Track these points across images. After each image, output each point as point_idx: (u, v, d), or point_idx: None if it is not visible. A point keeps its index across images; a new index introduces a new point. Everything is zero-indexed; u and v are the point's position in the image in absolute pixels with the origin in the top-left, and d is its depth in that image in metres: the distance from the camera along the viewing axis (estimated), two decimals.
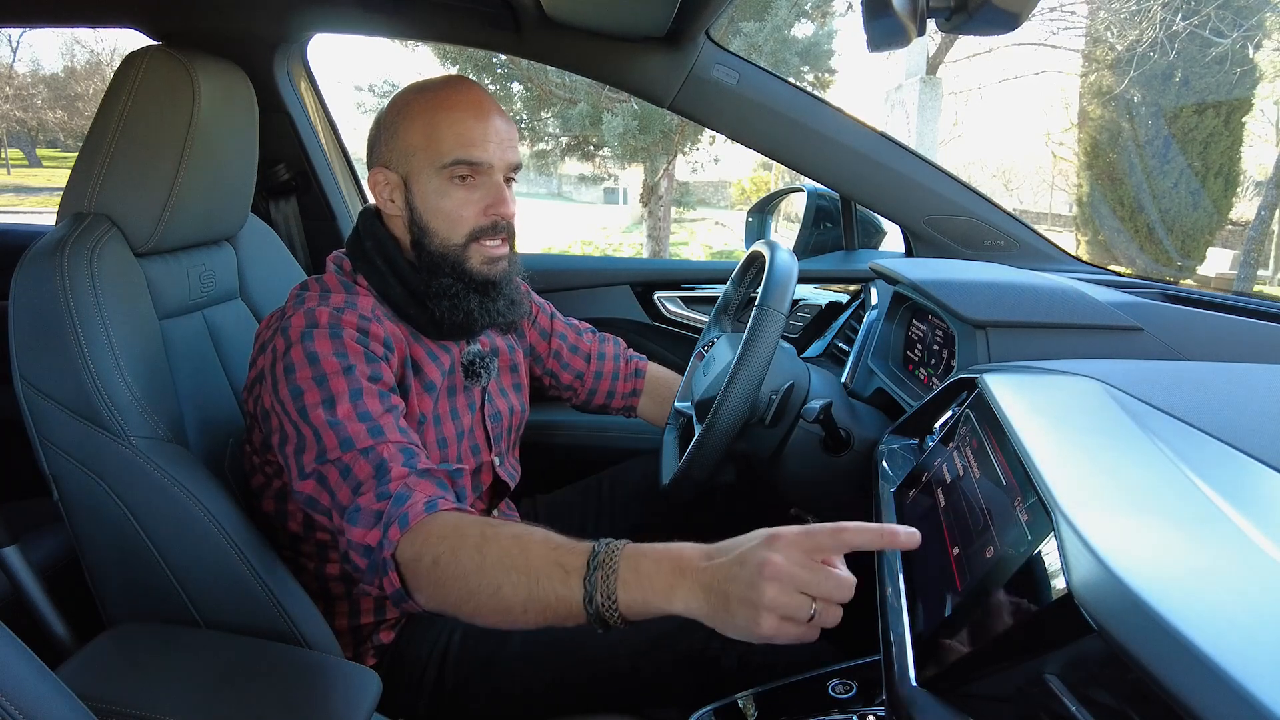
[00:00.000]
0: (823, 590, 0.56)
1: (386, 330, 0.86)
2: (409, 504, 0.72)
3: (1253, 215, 6.39)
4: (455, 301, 0.90)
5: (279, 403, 0.80)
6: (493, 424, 1.02)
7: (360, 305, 0.86)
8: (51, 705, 0.39)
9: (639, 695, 0.89)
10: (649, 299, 1.64)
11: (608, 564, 0.63)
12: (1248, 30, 6.21)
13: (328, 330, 0.81)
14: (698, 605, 0.60)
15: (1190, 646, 0.32)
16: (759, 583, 0.56)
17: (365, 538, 0.72)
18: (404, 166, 0.88)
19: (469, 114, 0.86)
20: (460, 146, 0.85)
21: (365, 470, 0.75)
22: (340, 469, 0.76)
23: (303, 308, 0.83)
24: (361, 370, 0.81)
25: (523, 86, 6.82)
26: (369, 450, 0.76)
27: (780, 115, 1.29)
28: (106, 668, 0.77)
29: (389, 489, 0.74)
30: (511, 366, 1.09)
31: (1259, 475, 0.50)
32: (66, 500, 0.84)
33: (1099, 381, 0.69)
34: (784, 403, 0.96)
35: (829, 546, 0.57)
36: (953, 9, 0.56)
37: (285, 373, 0.80)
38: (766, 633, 0.57)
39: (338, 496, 0.76)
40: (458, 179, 0.87)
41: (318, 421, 0.77)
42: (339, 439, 0.76)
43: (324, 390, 0.78)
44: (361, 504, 0.73)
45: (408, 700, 0.90)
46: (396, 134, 0.88)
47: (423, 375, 0.91)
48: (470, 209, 0.88)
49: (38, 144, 18.30)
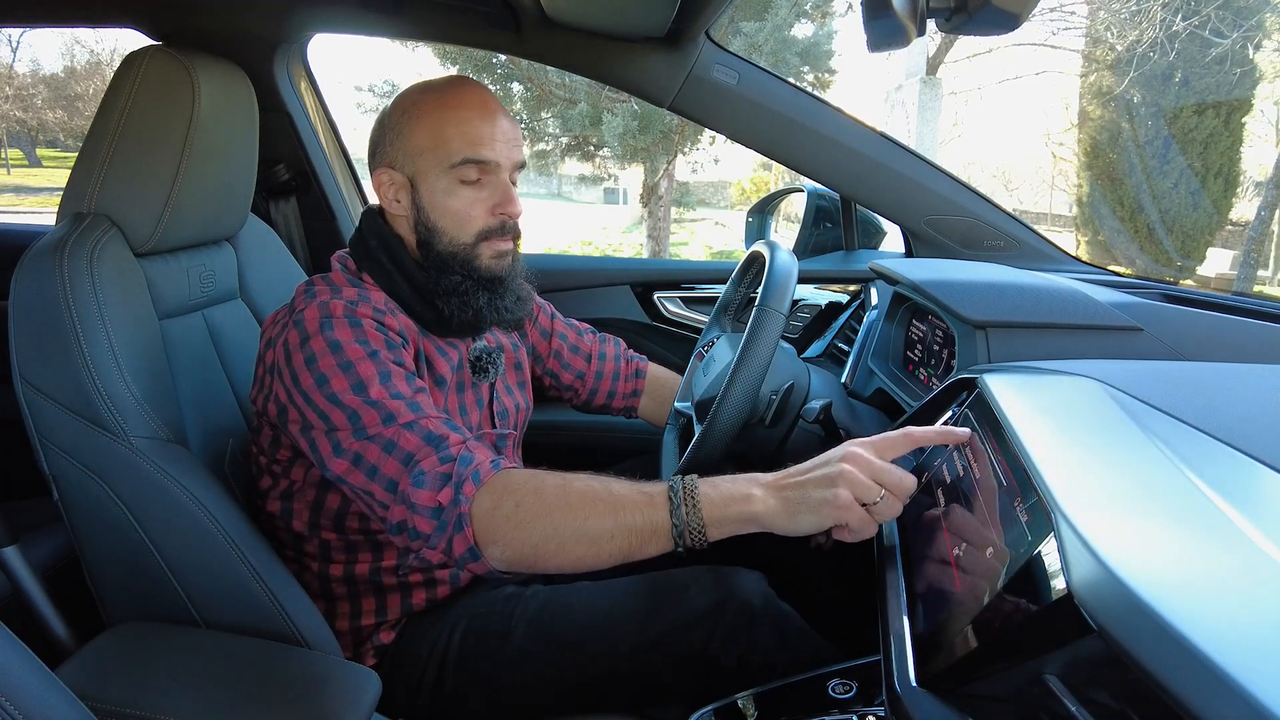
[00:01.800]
0: (890, 480, 0.67)
1: (400, 323, 0.87)
2: (476, 463, 0.75)
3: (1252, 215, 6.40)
4: (465, 299, 0.90)
5: (300, 393, 0.79)
6: (500, 421, 1.02)
7: (374, 299, 0.87)
8: (51, 705, 0.39)
9: (639, 695, 0.89)
10: (649, 299, 1.64)
11: (689, 485, 0.72)
12: (1248, 30, 6.21)
13: (346, 320, 0.81)
14: (775, 503, 0.70)
15: (1190, 646, 0.32)
16: (841, 466, 0.68)
17: (435, 498, 0.73)
18: (410, 167, 0.88)
19: (476, 114, 0.86)
20: (468, 146, 0.86)
21: (413, 442, 0.76)
22: (383, 444, 0.76)
23: (315, 301, 0.83)
24: (386, 355, 0.81)
25: (523, 86, 6.82)
26: (413, 424, 0.77)
27: (780, 115, 1.29)
28: (106, 668, 0.77)
29: (450, 452, 0.76)
30: (516, 364, 1.09)
31: (1259, 475, 0.50)
32: (66, 500, 0.84)
33: (1099, 382, 0.69)
34: (784, 403, 0.96)
35: (900, 444, 0.70)
36: (953, 9, 0.56)
37: (306, 363, 0.79)
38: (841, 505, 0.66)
39: (382, 470, 0.76)
40: (466, 179, 0.87)
41: (353, 403, 0.77)
42: (380, 415, 0.77)
43: (351, 376, 0.78)
44: (425, 468, 0.74)
45: (408, 700, 0.90)
46: (402, 134, 0.88)
47: (434, 370, 0.92)
48: (479, 209, 0.88)
49: (38, 144, 18.31)
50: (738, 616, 0.85)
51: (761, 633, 0.85)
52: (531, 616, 0.90)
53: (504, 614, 0.91)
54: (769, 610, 0.87)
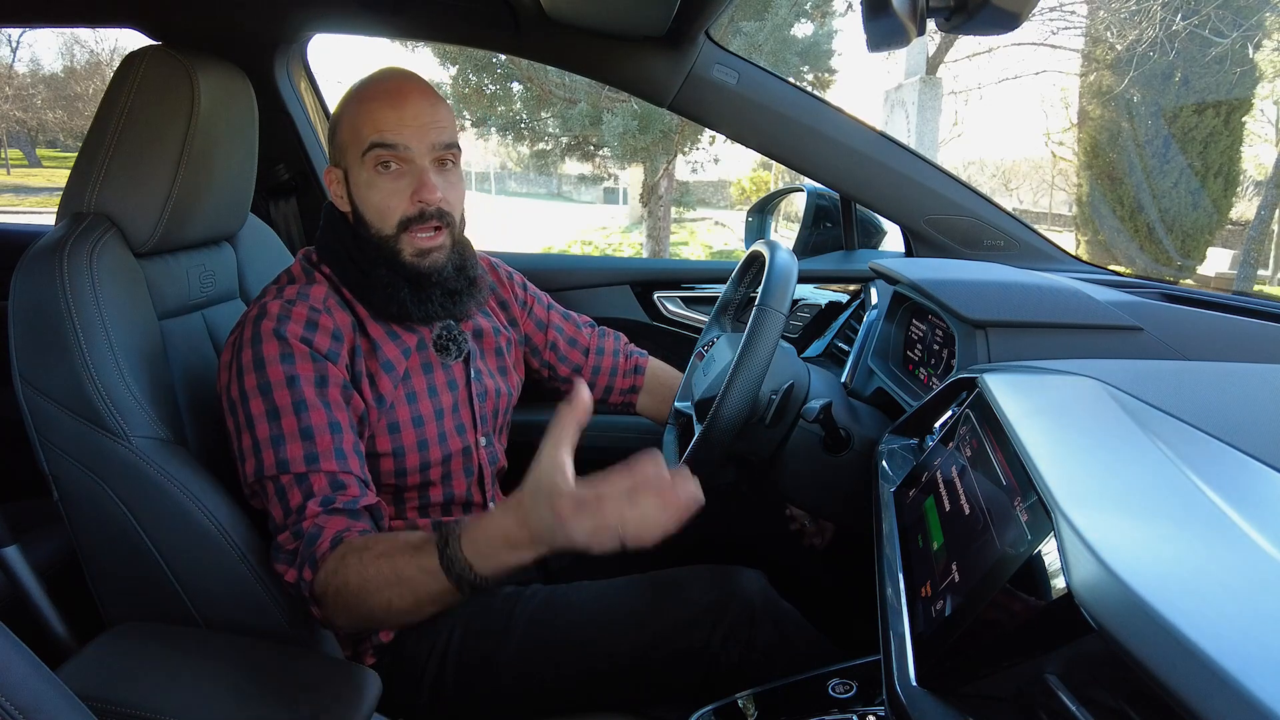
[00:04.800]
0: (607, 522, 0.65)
1: (336, 321, 0.88)
2: (318, 543, 0.79)
3: (1253, 215, 6.40)
4: (389, 293, 0.91)
5: (229, 402, 0.85)
6: (479, 403, 1.01)
7: (312, 296, 0.88)
8: (51, 705, 0.39)
9: (639, 694, 0.89)
10: (649, 299, 1.63)
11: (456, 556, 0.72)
12: (1248, 30, 6.21)
13: (273, 330, 0.84)
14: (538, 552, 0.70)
15: (1190, 646, 0.32)
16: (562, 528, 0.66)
17: (286, 574, 0.80)
18: (342, 161, 0.91)
19: (384, 99, 0.87)
20: (375, 131, 0.86)
21: (296, 499, 0.81)
22: (276, 489, 0.82)
23: (261, 300, 0.88)
24: (307, 378, 0.84)
25: (523, 86, 6.82)
26: (302, 478, 0.81)
27: (780, 115, 1.29)
28: (106, 668, 0.77)
29: (302, 527, 0.80)
30: (497, 349, 1.08)
31: (1259, 475, 0.50)
32: (66, 500, 0.84)
33: (1099, 381, 0.69)
34: (784, 403, 0.96)
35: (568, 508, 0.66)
36: (953, 9, 0.56)
37: (237, 375, 0.84)
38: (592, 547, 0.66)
39: (273, 515, 0.82)
40: (380, 166, 0.87)
41: (261, 435, 0.82)
42: (276, 459, 0.82)
43: (267, 401, 0.83)
44: (281, 542, 0.81)
45: (408, 700, 0.90)
46: (335, 131, 0.91)
47: (379, 354, 0.92)
48: (396, 198, 0.88)
49: (37, 144, 18.30)
50: (738, 615, 0.86)
51: (762, 631, 0.85)
52: (531, 615, 0.90)
53: (504, 613, 0.91)
54: (769, 609, 0.87)
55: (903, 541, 0.70)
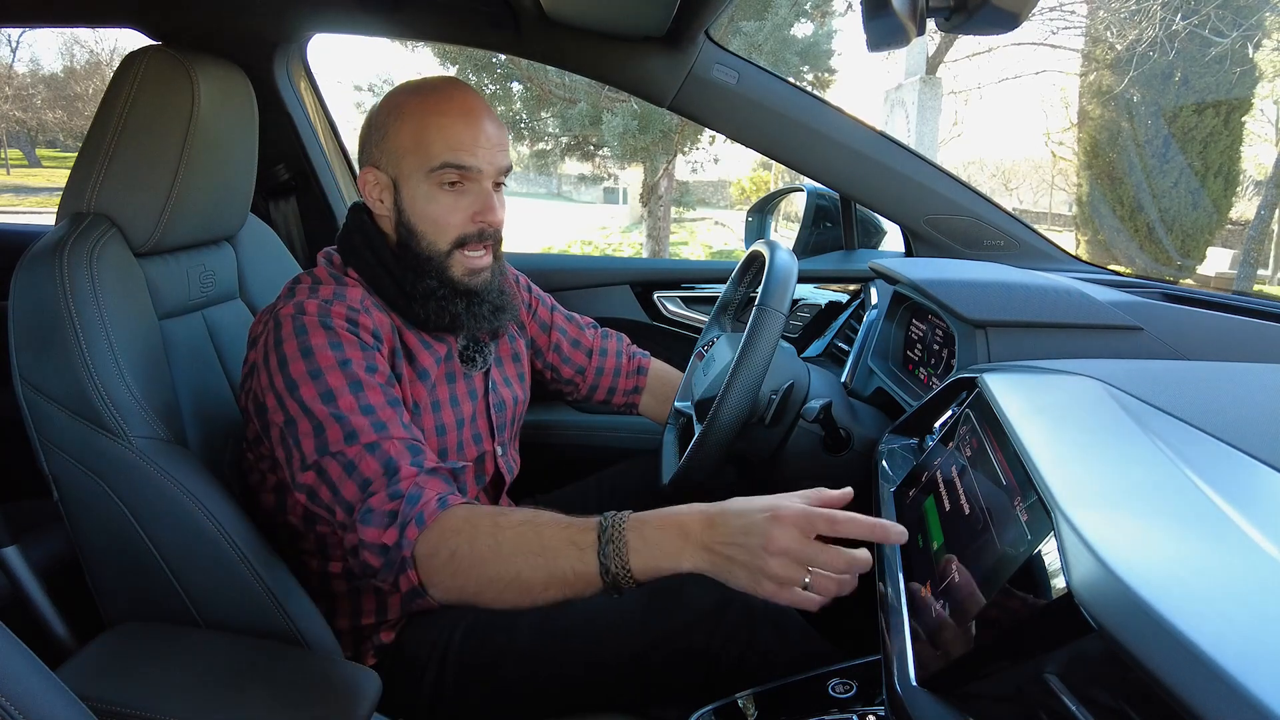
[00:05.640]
0: (817, 563, 0.64)
1: (375, 321, 0.87)
2: (422, 502, 0.75)
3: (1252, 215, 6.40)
4: (442, 305, 0.90)
5: (275, 395, 0.80)
6: (496, 413, 1.02)
7: (349, 296, 0.86)
8: (51, 705, 0.39)
9: (639, 694, 0.89)
10: (649, 299, 1.64)
11: (616, 536, 0.69)
12: (1247, 30, 6.21)
13: (318, 321, 0.82)
14: (704, 565, 0.68)
15: (1190, 646, 0.32)
16: (762, 555, 0.64)
17: (382, 537, 0.74)
18: (393, 168, 0.88)
19: (459, 119, 0.86)
20: (449, 151, 0.85)
21: (373, 467, 0.76)
22: (343, 464, 0.77)
23: (292, 300, 0.84)
24: (358, 362, 0.81)
25: (523, 86, 6.82)
26: (374, 446, 0.77)
27: (780, 115, 1.29)
28: (106, 668, 0.77)
29: (400, 488, 0.76)
30: (514, 356, 1.08)
31: (1259, 475, 0.50)
32: (66, 500, 0.84)
33: (1099, 381, 0.69)
34: (784, 402, 0.96)
35: (824, 531, 0.65)
36: (952, 9, 0.56)
37: (280, 366, 0.80)
38: (766, 595, 0.65)
39: (341, 492, 0.77)
40: (446, 184, 0.87)
41: (320, 414, 0.78)
42: (344, 432, 0.77)
43: (320, 384, 0.79)
44: (374, 505, 0.75)
45: (408, 700, 0.90)
46: (386, 135, 0.88)
47: (415, 363, 0.92)
48: (457, 215, 0.88)
49: (37, 144, 18.30)
50: (738, 615, 0.86)
51: (762, 632, 0.85)
52: (532, 616, 0.90)
53: (505, 613, 0.91)
54: (769, 609, 0.87)
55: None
